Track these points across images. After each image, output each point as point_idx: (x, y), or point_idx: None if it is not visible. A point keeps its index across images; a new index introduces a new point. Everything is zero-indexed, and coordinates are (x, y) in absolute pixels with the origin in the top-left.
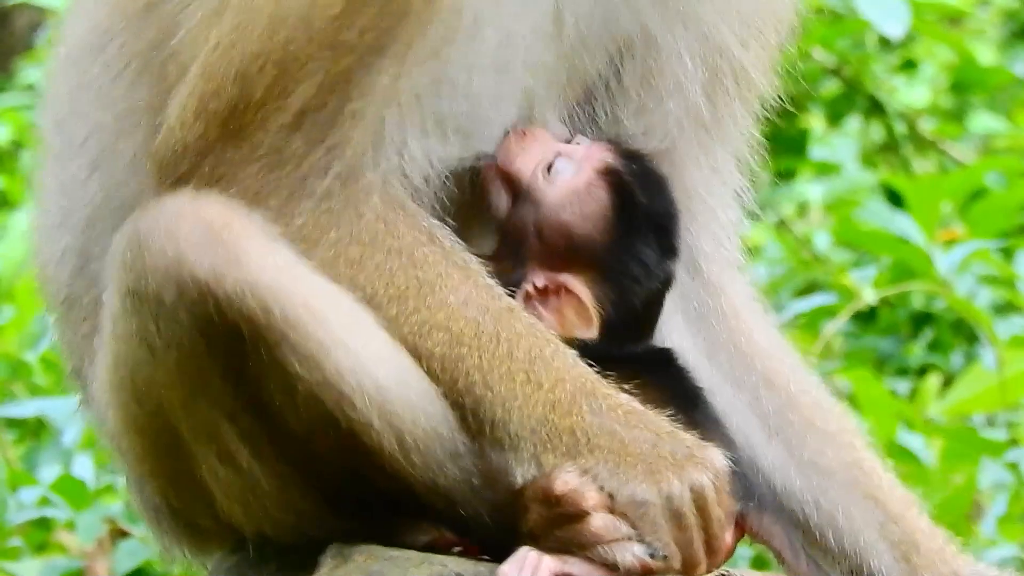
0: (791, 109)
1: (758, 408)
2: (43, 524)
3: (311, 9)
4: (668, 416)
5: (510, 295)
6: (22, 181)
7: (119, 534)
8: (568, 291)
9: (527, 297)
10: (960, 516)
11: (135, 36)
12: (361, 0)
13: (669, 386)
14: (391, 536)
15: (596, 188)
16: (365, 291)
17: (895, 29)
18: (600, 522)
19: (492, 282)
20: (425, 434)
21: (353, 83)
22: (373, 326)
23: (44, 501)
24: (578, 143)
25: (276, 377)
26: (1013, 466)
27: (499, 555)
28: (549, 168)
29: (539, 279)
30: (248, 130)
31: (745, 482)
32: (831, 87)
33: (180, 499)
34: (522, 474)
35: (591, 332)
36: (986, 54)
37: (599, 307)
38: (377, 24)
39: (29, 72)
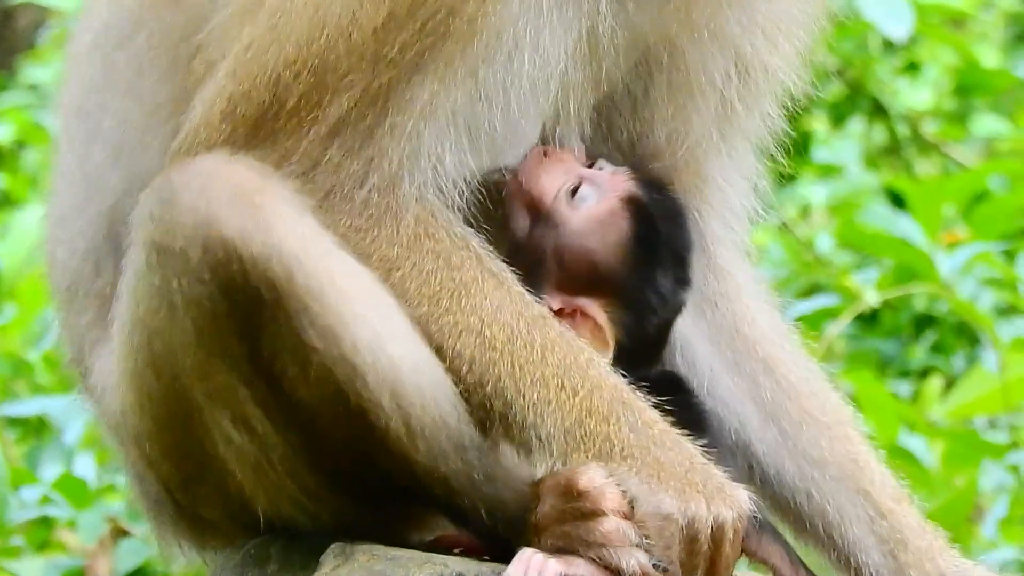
0: (795, 110)
1: (756, 394)
2: (45, 523)
3: (352, 21)
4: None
5: None
6: (24, 180)
7: (120, 533)
8: (584, 314)
9: None
10: (961, 519)
11: (163, 28)
12: (404, 16)
13: (678, 411)
14: (395, 530)
15: (619, 217)
16: (395, 289)
17: (899, 31)
18: (612, 525)
19: (523, 289)
20: (432, 421)
21: (392, 97)
22: (394, 307)
23: (46, 500)
24: (600, 168)
25: (291, 347)
26: (1014, 468)
27: (500, 554)
28: (573, 192)
29: (555, 301)
30: (280, 136)
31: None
32: (834, 89)
33: (186, 484)
34: (545, 472)
35: (606, 356)
36: (989, 57)
37: (614, 332)
38: (419, 41)
39: (32, 71)
